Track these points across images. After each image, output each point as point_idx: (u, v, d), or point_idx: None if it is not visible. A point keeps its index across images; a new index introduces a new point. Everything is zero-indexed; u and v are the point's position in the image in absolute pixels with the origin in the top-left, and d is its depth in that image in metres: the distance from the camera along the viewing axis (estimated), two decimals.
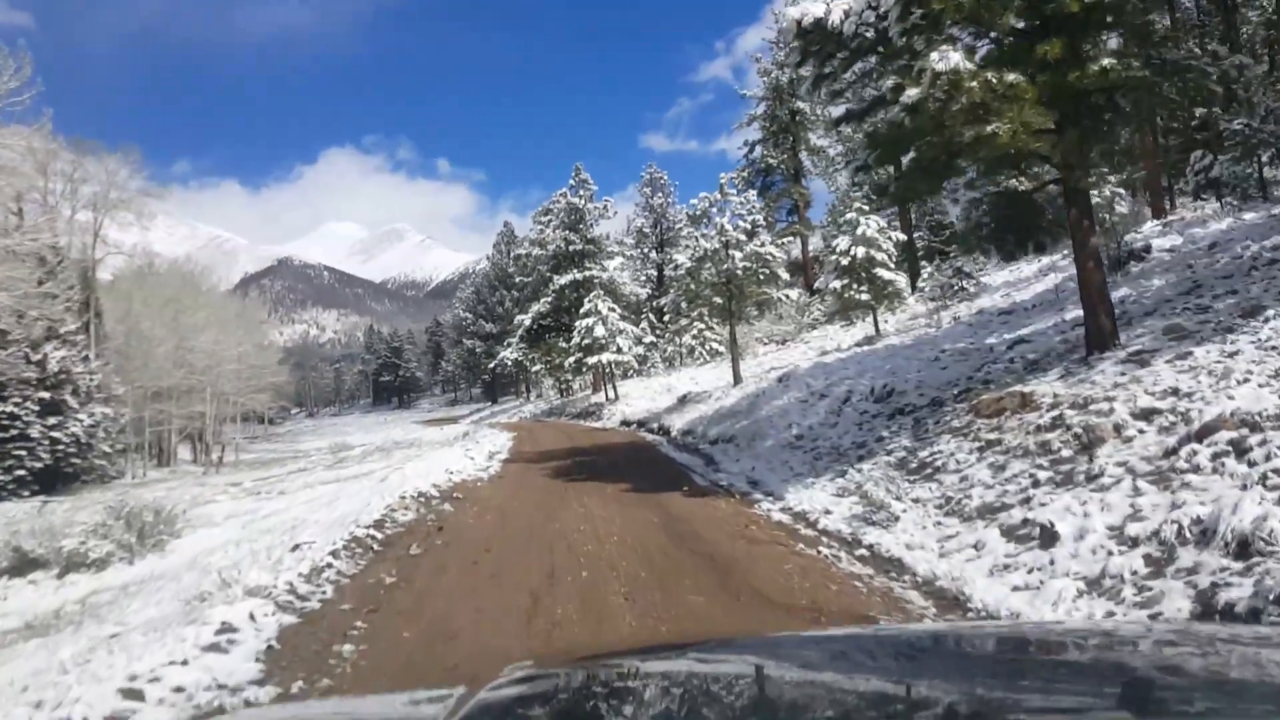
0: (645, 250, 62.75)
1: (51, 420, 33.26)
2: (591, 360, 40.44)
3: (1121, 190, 24.48)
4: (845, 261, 25.26)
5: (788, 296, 26.92)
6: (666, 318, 59.54)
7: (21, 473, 30.79)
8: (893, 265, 25.59)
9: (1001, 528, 7.22)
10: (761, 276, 26.78)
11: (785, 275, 27.12)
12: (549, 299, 50.63)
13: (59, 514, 20.13)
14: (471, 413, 77.93)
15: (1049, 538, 6.54)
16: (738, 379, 26.99)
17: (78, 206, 46.67)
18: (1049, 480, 7.72)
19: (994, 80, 9.01)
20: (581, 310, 42.59)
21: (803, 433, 14.93)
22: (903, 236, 26.10)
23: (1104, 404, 8.34)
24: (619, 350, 40.38)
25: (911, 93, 9.19)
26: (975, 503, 8.06)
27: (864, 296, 25.23)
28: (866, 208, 25.90)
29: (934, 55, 9.00)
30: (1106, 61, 9.94)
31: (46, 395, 33.73)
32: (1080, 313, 12.29)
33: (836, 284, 25.38)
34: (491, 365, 65.36)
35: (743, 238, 26.40)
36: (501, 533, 9.56)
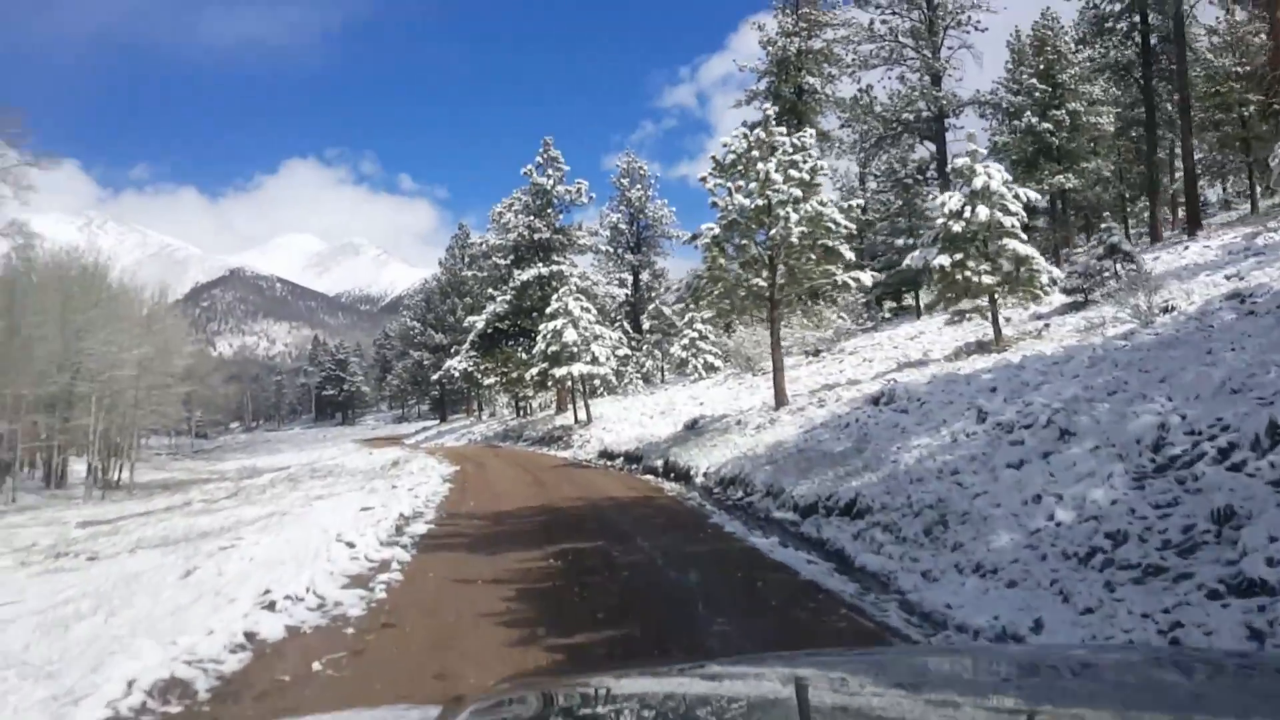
0: (619, 250, 54.13)
1: None
2: (559, 372, 31.48)
3: None
4: (958, 228, 16.74)
5: (856, 281, 18.34)
6: (647, 326, 50.93)
7: None
8: (1024, 236, 17.14)
9: None
10: (820, 250, 18.25)
11: (849, 254, 18.55)
12: (508, 298, 41.32)
13: None
14: (417, 431, 69.02)
15: None
16: (782, 400, 18.40)
17: None
18: None
19: None
20: (548, 311, 33.66)
21: (1119, 527, 6.26)
22: (1034, 195, 17.65)
23: None
24: (594, 360, 31.54)
25: None
26: None
27: (987, 279, 16.70)
28: (984, 151, 17.52)
29: None
30: None
31: None
32: None
33: (943, 260, 16.83)
34: (436, 377, 55.93)
35: (797, 193, 17.81)
36: None
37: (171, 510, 23.78)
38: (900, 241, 32.47)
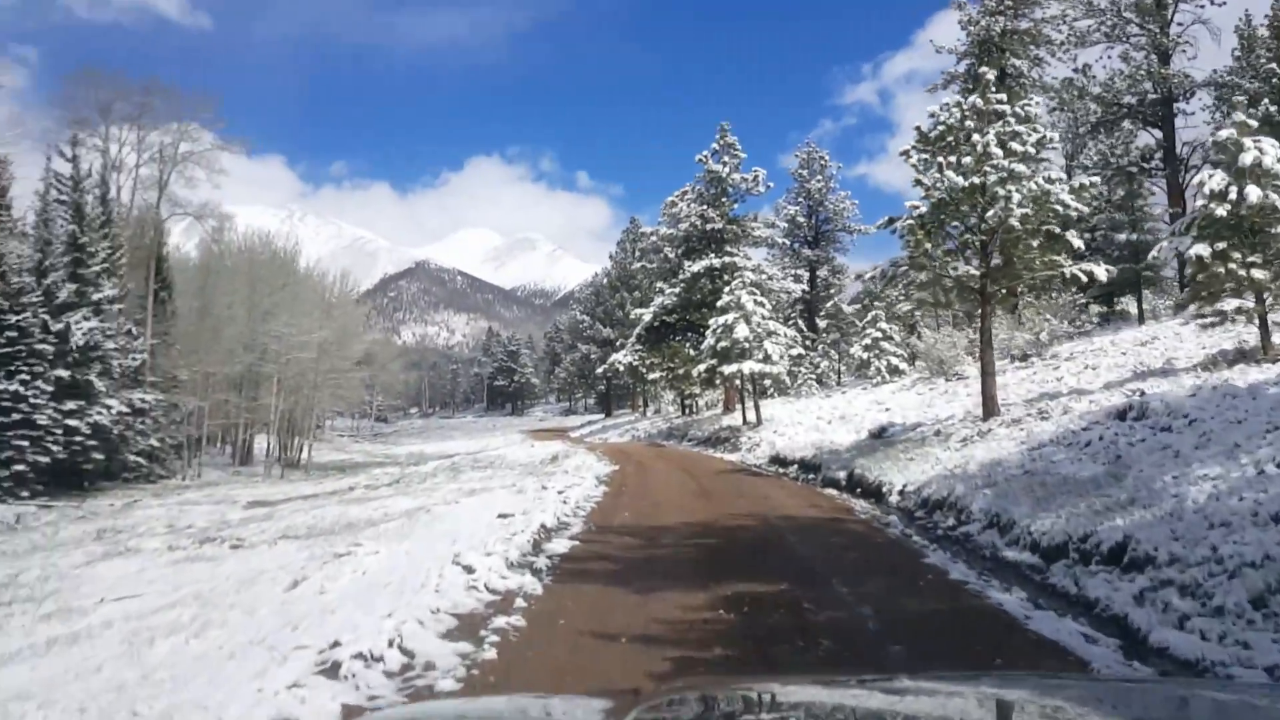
0: (796, 244, 51.51)
1: (70, 405, 25.99)
2: (729, 369, 29.43)
3: None
4: (1221, 211, 13.77)
5: (1089, 274, 15.57)
6: (823, 325, 48.29)
7: (21, 468, 23.75)
8: None
9: None
10: (1044, 236, 15.57)
11: (1077, 241, 15.80)
12: (676, 290, 39.53)
13: None
14: (582, 425, 68.81)
15: None
16: (992, 409, 15.81)
17: (143, 157, 38.91)
18: None
19: None
20: (719, 304, 31.65)
21: None
22: None
23: None
24: (766, 358, 29.28)
25: None
26: None
27: (1257, 274, 13.66)
28: (1253, 123, 14.41)
29: None
30: None
31: (65, 374, 26.33)
32: None
33: (1201, 250, 13.90)
34: (601, 371, 54.77)
35: (1021, 169, 15.20)
36: None
37: (334, 495, 23.59)
38: (1121, 236, 28.77)
